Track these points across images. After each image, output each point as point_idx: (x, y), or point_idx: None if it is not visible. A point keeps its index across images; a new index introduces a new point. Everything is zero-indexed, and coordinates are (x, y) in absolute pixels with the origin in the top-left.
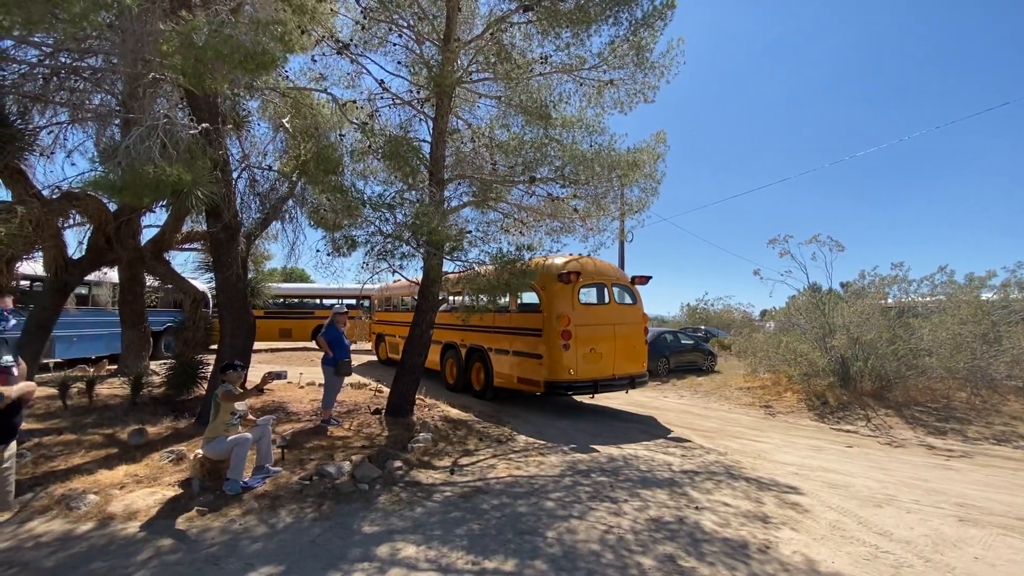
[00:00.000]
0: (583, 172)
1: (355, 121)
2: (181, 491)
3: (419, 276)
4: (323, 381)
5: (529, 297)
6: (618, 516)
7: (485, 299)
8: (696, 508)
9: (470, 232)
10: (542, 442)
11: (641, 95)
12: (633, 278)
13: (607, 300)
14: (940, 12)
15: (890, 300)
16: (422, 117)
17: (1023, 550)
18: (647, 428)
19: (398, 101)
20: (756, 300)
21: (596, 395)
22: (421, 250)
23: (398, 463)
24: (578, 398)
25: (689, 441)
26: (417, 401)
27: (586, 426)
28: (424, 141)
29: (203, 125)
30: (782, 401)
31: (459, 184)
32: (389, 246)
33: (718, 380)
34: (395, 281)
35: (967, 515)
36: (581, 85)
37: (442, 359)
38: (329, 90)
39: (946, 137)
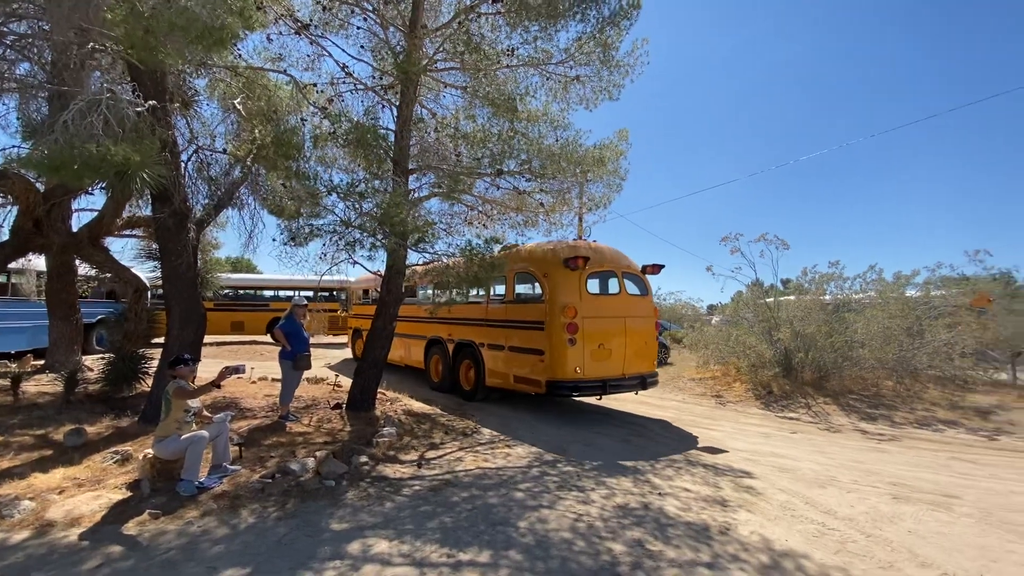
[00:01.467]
0: (551, 167)
1: (316, 105)
2: (129, 494)
3: (382, 268)
4: (278, 376)
5: (524, 286)
6: (586, 504)
7: (455, 292)
8: (660, 494)
9: (435, 224)
10: (508, 433)
11: (606, 92)
12: (644, 267)
13: (618, 290)
14: (870, 36)
15: (828, 296)
16: (386, 104)
17: (948, 523)
18: (607, 419)
19: (361, 86)
20: (706, 296)
21: (604, 396)
22: (385, 241)
23: (364, 458)
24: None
25: (647, 429)
26: (378, 395)
27: (551, 419)
28: (388, 129)
29: (150, 102)
30: (732, 391)
31: (422, 175)
32: (353, 236)
33: (672, 372)
34: (377, 272)
35: (899, 493)
36: (548, 80)
37: (426, 355)
38: (288, 71)
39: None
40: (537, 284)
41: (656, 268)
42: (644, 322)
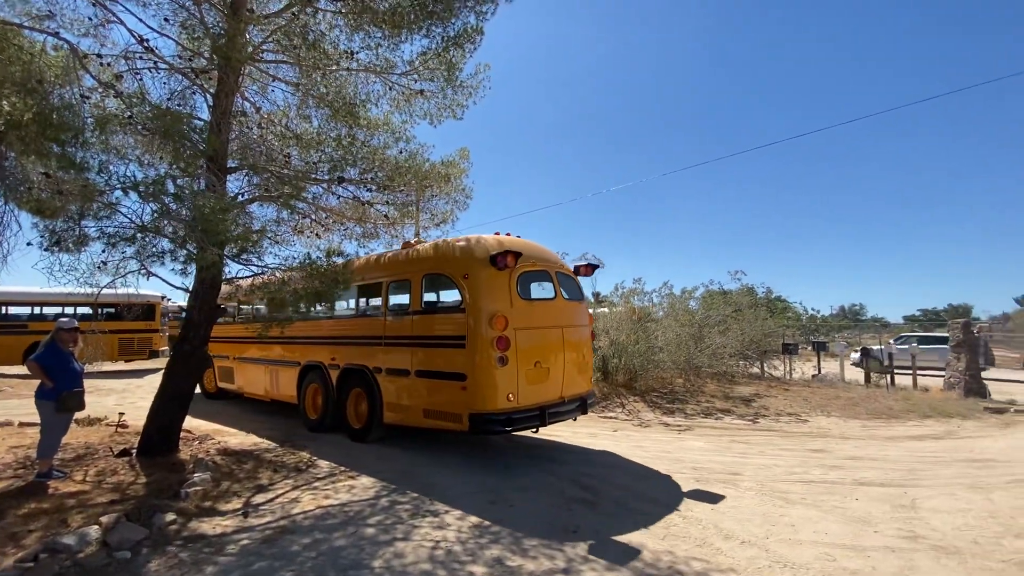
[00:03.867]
0: (397, 179)
1: (101, 80)
2: None
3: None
4: (30, 419)
5: (436, 293)
6: (442, 529)
7: (292, 310)
8: (509, 505)
9: (265, 232)
10: (349, 463)
11: (450, 111)
12: (577, 267)
13: (553, 295)
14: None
15: (636, 307)
16: (198, 90)
17: (738, 497)
18: (448, 432)
19: (165, 66)
20: None
21: (542, 428)
22: (197, 252)
23: (170, 515)
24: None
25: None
26: (184, 435)
27: (391, 443)
28: (201, 120)
29: None
30: None
31: (244, 175)
32: (161, 246)
33: None
34: (233, 280)
35: (701, 476)
36: (391, 89)
37: (300, 386)
38: (60, 34)
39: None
40: (454, 289)
41: (590, 269)
42: (582, 332)
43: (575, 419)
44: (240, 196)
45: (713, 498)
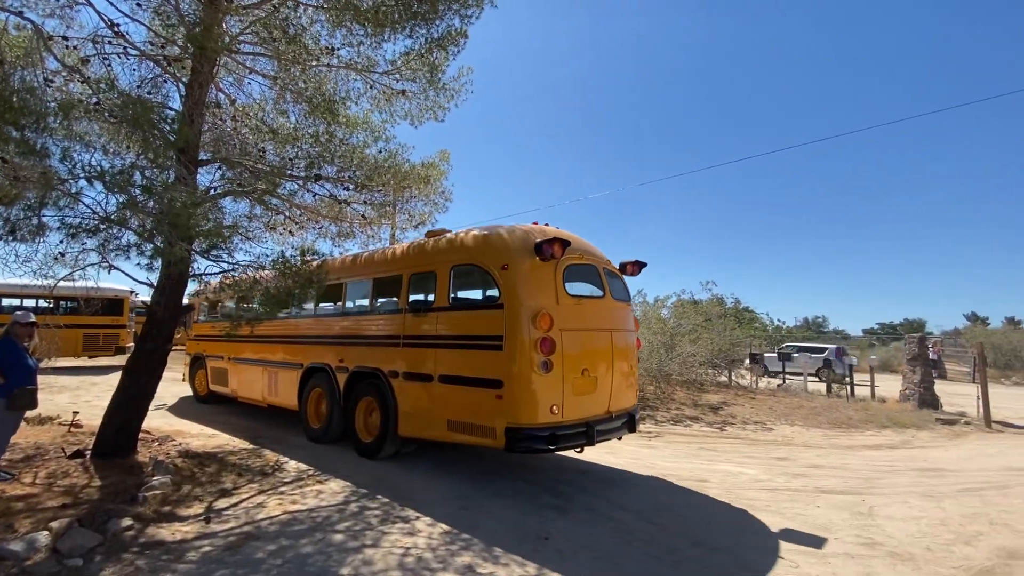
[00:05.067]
0: (377, 178)
1: (66, 64)
2: None
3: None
4: None
5: (467, 288)
6: (413, 536)
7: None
8: (483, 513)
9: (237, 228)
10: (317, 467)
11: (432, 112)
12: (623, 264)
13: (602, 293)
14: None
15: None
16: (170, 79)
17: (709, 502)
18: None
19: (135, 52)
20: None
21: (587, 448)
22: (163, 244)
23: (127, 521)
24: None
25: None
26: (143, 435)
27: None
28: (172, 109)
29: None
30: None
31: (216, 168)
32: (128, 239)
33: None
34: (223, 276)
35: (672, 483)
36: (371, 88)
37: (302, 391)
38: (24, 12)
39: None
40: (489, 283)
41: (637, 267)
42: (630, 338)
43: (620, 438)
44: (212, 190)
45: (684, 505)
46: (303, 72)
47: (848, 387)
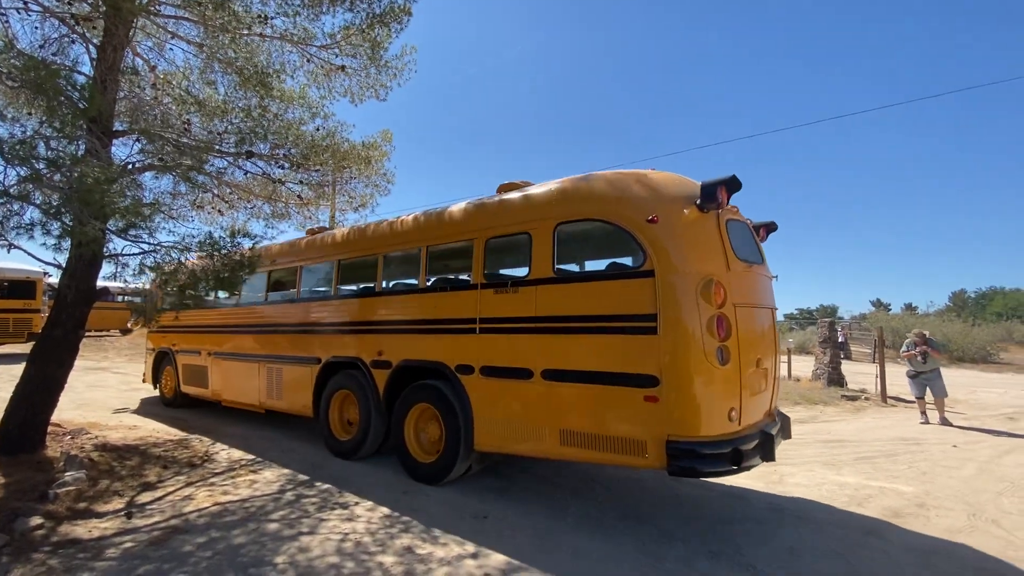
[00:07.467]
0: (314, 157)
1: None
2: None
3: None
4: None
5: (581, 253)
6: (352, 521)
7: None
8: (424, 496)
9: (159, 206)
10: (251, 456)
11: (373, 91)
12: (757, 226)
13: (759, 259)
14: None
15: None
16: (80, 40)
17: (637, 479)
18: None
19: (37, 7)
20: None
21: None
22: (75, 226)
23: (36, 519)
24: None
25: None
26: (52, 428)
27: (297, 433)
28: (81, 73)
29: None
30: None
31: (133, 140)
32: (31, 216)
33: None
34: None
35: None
36: (308, 61)
37: (318, 392)
38: None
39: None
40: (627, 242)
41: (769, 228)
42: (773, 320)
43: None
44: (130, 165)
45: (620, 478)
46: (233, 41)
47: None
